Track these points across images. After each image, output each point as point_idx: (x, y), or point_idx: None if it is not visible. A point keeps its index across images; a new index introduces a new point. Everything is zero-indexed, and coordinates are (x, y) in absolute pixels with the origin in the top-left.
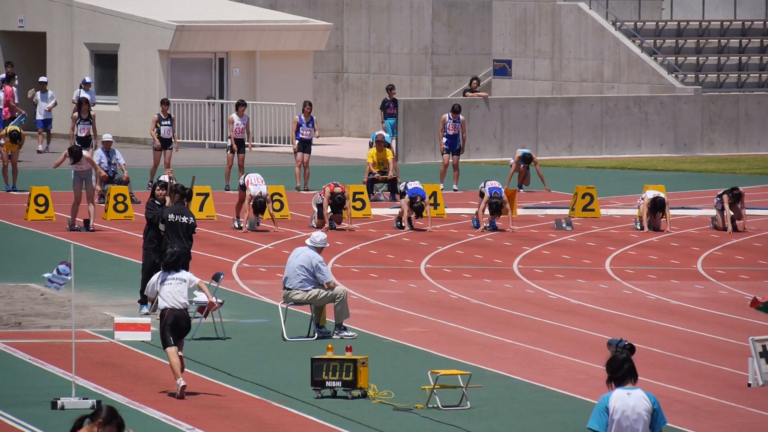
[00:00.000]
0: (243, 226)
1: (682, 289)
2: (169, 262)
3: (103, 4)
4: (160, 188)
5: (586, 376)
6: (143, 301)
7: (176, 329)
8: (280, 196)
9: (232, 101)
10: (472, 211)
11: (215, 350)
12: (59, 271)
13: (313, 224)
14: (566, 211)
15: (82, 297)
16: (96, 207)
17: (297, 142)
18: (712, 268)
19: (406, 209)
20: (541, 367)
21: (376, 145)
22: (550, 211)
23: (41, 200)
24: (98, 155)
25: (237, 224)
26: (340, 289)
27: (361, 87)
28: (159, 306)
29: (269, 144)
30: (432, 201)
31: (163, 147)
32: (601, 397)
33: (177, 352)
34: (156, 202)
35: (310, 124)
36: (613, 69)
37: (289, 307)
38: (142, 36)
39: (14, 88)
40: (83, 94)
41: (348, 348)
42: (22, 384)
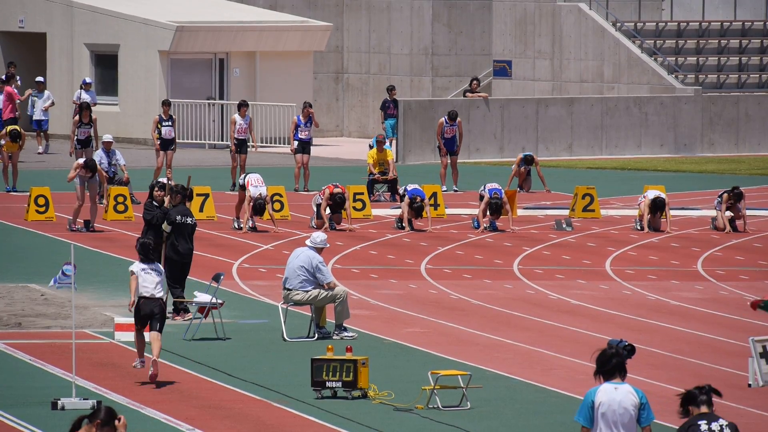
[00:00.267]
0: (243, 226)
1: (682, 290)
2: (140, 251)
3: (103, 5)
4: (158, 189)
5: (586, 376)
6: None
7: (146, 317)
8: (281, 196)
9: (232, 102)
10: (472, 211)
11: (215, 350)
12: (64, 273)
13: (313, 225)
14: (566, 212)
15: (82, 297)
16: (97, 207)
17: (296, 143)
18: (712, 269)
19: (407, 211)
20: (541, 368)
21: (377, 146)
22: (550, 212)
23: (41, 201)
24: (98, 156)
25: (237, 225)
26: (340, 289)
27: (362, 87)
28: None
29: (269, 144)
30: (432, 201)
31: (163, 148)
32: (588, 391)
33: (145, 337)
34: (154, 203)
35: (308, 124)
36: (613, 69)
37: (289, 308)
38: (142, 36)
39: (15, 89)
40: (84, 95)
41: (348, 348)
42: (22, 384)
